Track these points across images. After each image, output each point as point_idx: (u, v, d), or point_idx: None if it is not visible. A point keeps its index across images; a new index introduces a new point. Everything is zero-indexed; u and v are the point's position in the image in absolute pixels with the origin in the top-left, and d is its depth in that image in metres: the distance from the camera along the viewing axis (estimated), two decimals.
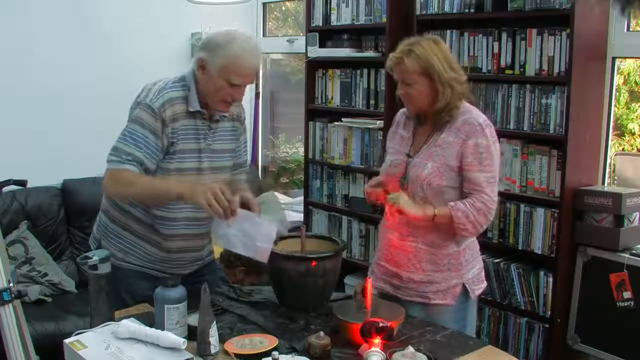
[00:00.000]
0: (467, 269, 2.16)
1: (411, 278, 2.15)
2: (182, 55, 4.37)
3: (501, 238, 3.13)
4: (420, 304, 2.14)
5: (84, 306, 2.26)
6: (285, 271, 2.00)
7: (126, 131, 2.04)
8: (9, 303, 1.53)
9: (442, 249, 2.12)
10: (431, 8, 3.30)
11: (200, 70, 2.06)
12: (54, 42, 3.76)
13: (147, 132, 2.01)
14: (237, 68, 2.01)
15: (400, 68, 2.10)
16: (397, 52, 2.11)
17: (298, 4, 4.89)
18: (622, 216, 2.83)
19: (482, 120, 2.10)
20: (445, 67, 2.07)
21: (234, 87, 2.04)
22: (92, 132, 3.91)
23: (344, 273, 3.69)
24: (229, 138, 2.23)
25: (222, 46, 2.02)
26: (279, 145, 5.24)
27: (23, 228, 3.51)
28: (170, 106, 2.04)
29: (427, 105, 2.12)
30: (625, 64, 4.14)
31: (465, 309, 2.17)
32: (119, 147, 2.03)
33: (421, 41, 2.10)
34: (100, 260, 1.84)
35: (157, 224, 2.13)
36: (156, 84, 2.10)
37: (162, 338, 1.65)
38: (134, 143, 2.01)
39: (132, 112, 2.07)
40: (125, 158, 2.00)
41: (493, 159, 2.08)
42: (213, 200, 1.86)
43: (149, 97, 2.05)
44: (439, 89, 2.07)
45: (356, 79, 3.75)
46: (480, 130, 2.07)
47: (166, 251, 2.17)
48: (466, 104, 2.15)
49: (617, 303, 2.82)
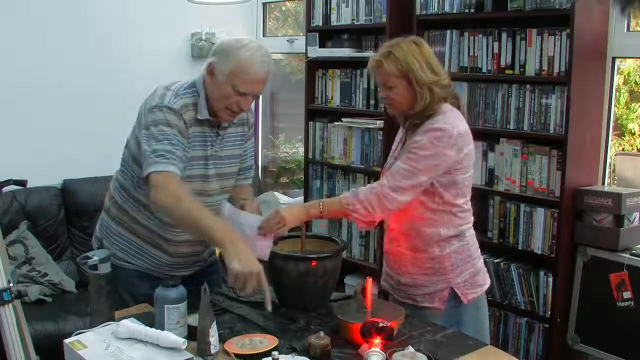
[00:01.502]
0: (454, 274, 2.12)
1: (399, 280, 2.18)
2: (182, 55, 4.37)
3: (501, 238, 3.13)
4: (410, 306, 2.13)
5: (84, 306, 2.26)
6: (285, 271, 2.00)
7: (155, 133, 1.93)
8: (9, 303, 1.53)
9: (424, 253, 2.11)
10: (431, 8, 3.30)
11: (209, 76, 2.02)
12: (54, 42, 3.76)
13: (175, 131, 1.95)
14: (244, 75, 1.96)
15: (380, 72, 2.07)
16: (377, 55, 2.09)
17: (298, 4, 4.89)
18: (622, 216, 2.83)
19: (444, 125, 2.01)
20: (424, 69, 2.03)
21: (240, 96, 1.99)
22: (92, 132, 3.92)
23: (344, 273, 3.70)
24: (237, 144, 2.21)
25: (231, 51, 1.98)
26: (279, 145, 5.25)
27: (23, 228, 3.51)
28: (187, 111, 2.01)
29: (407, 108, 2.08)
30: (625, 64, 4.14)
31: (458, 314, 2.13)
32: (157, 148, 1.91)
33: (401, 43, 2.06)
34: (100, 260, 1.84)
35: (162, 229, 2.12)
36: (169, 89, 2.04)
37: (162, 338, 1.65)
38: (169, 142, 1.92)
39: (149, 116, 1.97)
40: (169, 157, 1.89)
41: (421, 159, 2.00)
42: (242, 282, 1.74)
43: (166, 99, 1.99)
44: (417, 92, 2.03)
45: (356, 79, 3.75)
46: (432, 131, 2.01)
47: (170, 255, 2.17)
48: (446, 108, 2.08)
49: (617, 303, 2.82)
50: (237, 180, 2.29)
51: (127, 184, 2.14)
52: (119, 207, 2.17)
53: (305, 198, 4.12)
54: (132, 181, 2.12)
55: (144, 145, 1.94)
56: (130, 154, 2.11)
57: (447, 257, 2.11)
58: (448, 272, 2.11)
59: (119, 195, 2.17)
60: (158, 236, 2.13)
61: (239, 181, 2.30)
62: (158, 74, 4.17)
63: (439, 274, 2.11)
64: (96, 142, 3.94)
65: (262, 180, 4.93)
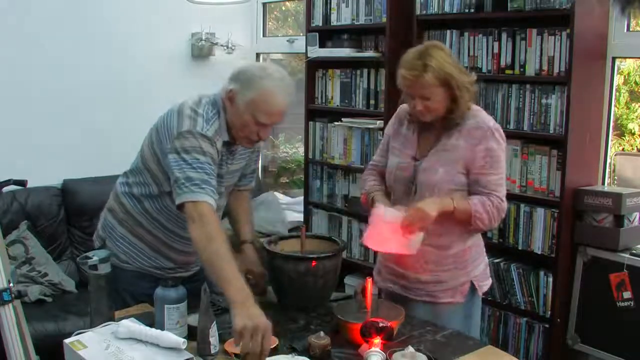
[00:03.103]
0: (473, 266, 2.17)
1: (418, 279, 2.15)
2: (182, 55, 4.37)
3: (501, 238, 3.13)
4: (430, 303, 2.14)
5: (84, 306, 2.26)
6: (285, 271, 2.00)
7: (189, 160, 1.88)
8: (9, 303, 1.53)
9: (448, 250, 2.12)
10: (431, 8, 3.29)
11: (229, 102, 1.98)
12: (54, 42, 3.76)
13: (209, 160, 1.92)
14: (266, 106, 1.94)
15: (417, 85, 2.03)
16: (409, 69, 2.03)
17: (298, 4, 4.89)
18: (622, 216, 2.83)
19: (492, 124, 2.11)
20: (458, 72, 2.05)
21: (260, 125, 1.97)
22: (92, 132, 3.92)
23: (344, 273, 3.69)
24: (245, 157, 2.20)
25: (254, 81, 1.95)
26: (279, 145, 5.25)
27: (23, 228, 3.51)
28: (219, 137, 1.98)
29: (444, 113, 2.09)
30: (625, 64, 4.14)
31: (471, 307, 2.18)
32: (192, 176, 1.86)
33: (430, 51, 2.03)
34: (100, 260, 1.84)
35: (168, 237, 2.12)
36: (198, 113, 1.96)
37: (162, 338, 1.65)
38: (204, 171, 1.88)
39: (182, 141, 1.90)
40: (205, 187, 1.86)
41: (502, 161, 2.10)
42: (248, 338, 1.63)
43: (198, 126, 1.93)
44: (457, 95, 2.04)
45: (356, 79, 3.75)
46: (491, 134, 2.08)
47: (175, 261, 2.18)
48: (473, 106, 2.14)
49: (617, 303, 2.82)
50: (239, 186, 2.28)
51: (137, 192, 2.12)
52: (127, 211, 2.15)
53: (305, 198, 4.12)
54: (143, 191, 2.10)
55: (176, 171, 1.88)
56: (145, 164, 2.08)
57: (468, 250, 2.15)
58: (468, 265, 2.15)
59: (127, 200, 2.15)
60: (163, 243, 2.14)
61: (240, 187, 2.29)
62: (158, 74, 4.19)
63: (460, 267, 2.14)
64: (96, 142, 3.94)
65: (262, 181, 4.93)
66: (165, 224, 2.11)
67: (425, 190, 2.09)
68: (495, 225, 2.13)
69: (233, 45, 4.36)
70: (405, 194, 2.15)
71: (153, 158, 2.04)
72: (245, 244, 2.23)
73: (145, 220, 2.12)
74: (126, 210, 2.15)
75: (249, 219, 2.32)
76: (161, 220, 2.10)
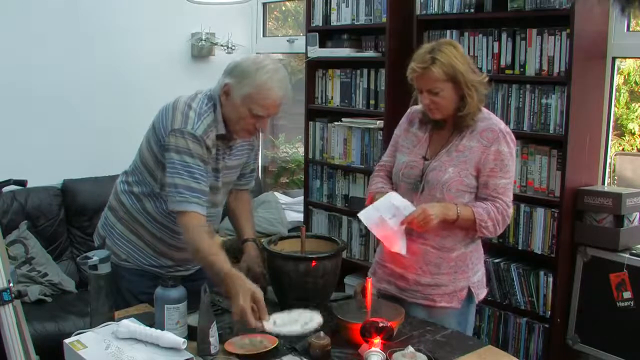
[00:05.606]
0: (473, 272, 2.16)
1: (417, 280, 2.14)
2: (182, 55, 4.37)
3: (501, 238, 3.12)
4: (425, 306, 2.13)
5: (84, 306, 2.26)
6: (285, 271, 2.00)
7: (177, 165, 1.94)
8: (9, 303, 1.52)
9: (450, 252, 2.12)
10: (431, 8, 3.29)
11: (225, 96, 2.00)
12: (54, 42, 3.76)
13: (197, 161, 1.95)
14: (261, 98, 1.95)
15: (425, 78, 2.04)
16: (418, 62, 2.04)
17: (298, 4, 4.89)
18: (622, 216, 2.83)
19: (503, 126, 2.11)
20: (468, 70, 2.06)
21: (257, 118, 1.98)
22: (92, 132, 3.92)
23: (344, 273, 3.69)
24: (244, 153, 2.21)
25: (248, 74, 1.96)
26: (278, 145, 5.24)
27: (23, 228, 3.51)
28: (211, 132, 2.00)
29: (453, 111, 2.09)
30: (625, 64, 4.14)
31: (467, 314, 2.17)
32: (179, 184, 1.93)
33: (441, 47, 2.05)
34: (100, 260, 1.84)
35: (167, 235, 2.13)
36: (192, 107, 1.99)
37: (162, 338, 1.66)
38: (190, 176, 1.93)
39: (172, 139, 1.95)
40: (190, 195, 1.92)
41: (512, 165, 2.10)
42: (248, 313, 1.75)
43: (189, 125, 1.95)
44: (465, 93, 2.04)
45: (356, 79, 3.75)
46: (502, 137, 2.08)
47: (174, 259, 2.18)
48: (484, 109, 2.14)
49: (617, 303, 2.82)
50: (238, 186, 2.29)
51: (136, 191, 2.13)
52: (126, 210, 2.16)
53: (305, 198, 4.12)
54: (142, 190, 2.11)
55: (167, 175, 1.95)
56: (143, 163, 2.10)
57: (469, 254, 2.14)
58: (468, 270, 2.14)
59: (126, 198, 2.16)
60: (163, 242, 2.14)
61: (239, 186, 2.30)
62: (158, 73, 4.19)
63: (460, 272, 2.13)
64: (96, 142, 3.94)
65: (262, 181, 4.93)
66: (163, 222, 2.11)
67: (433, 189, 2.09)
68: (500, 232, 2.12)
69: (233, 45, 4.36)
70: (411, 192, 2.14)
71: (151, 156, 2.06)
72: (247, 242, 2.24)
73: (144, 219, 2.13)
74: (126, 208, 2.16)
75: (250, 218, 2.32)
76: (160, 218, 2.11)
